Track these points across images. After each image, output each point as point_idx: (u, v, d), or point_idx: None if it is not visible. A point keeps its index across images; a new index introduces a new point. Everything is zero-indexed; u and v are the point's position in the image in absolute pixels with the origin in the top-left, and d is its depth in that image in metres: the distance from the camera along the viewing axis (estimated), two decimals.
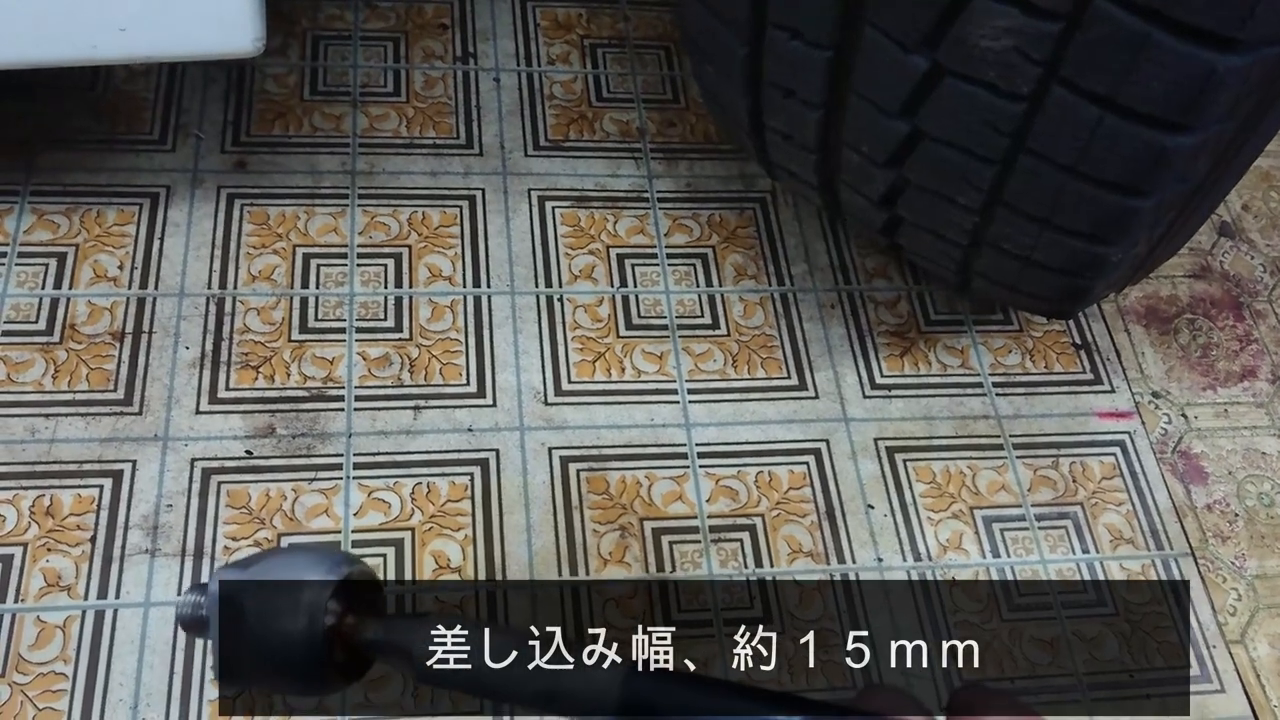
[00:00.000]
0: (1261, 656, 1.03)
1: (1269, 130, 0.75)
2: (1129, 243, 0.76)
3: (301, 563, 0.36)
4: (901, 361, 1.15)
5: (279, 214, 1.14)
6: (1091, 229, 0.75)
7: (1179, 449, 1.14)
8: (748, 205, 1.24)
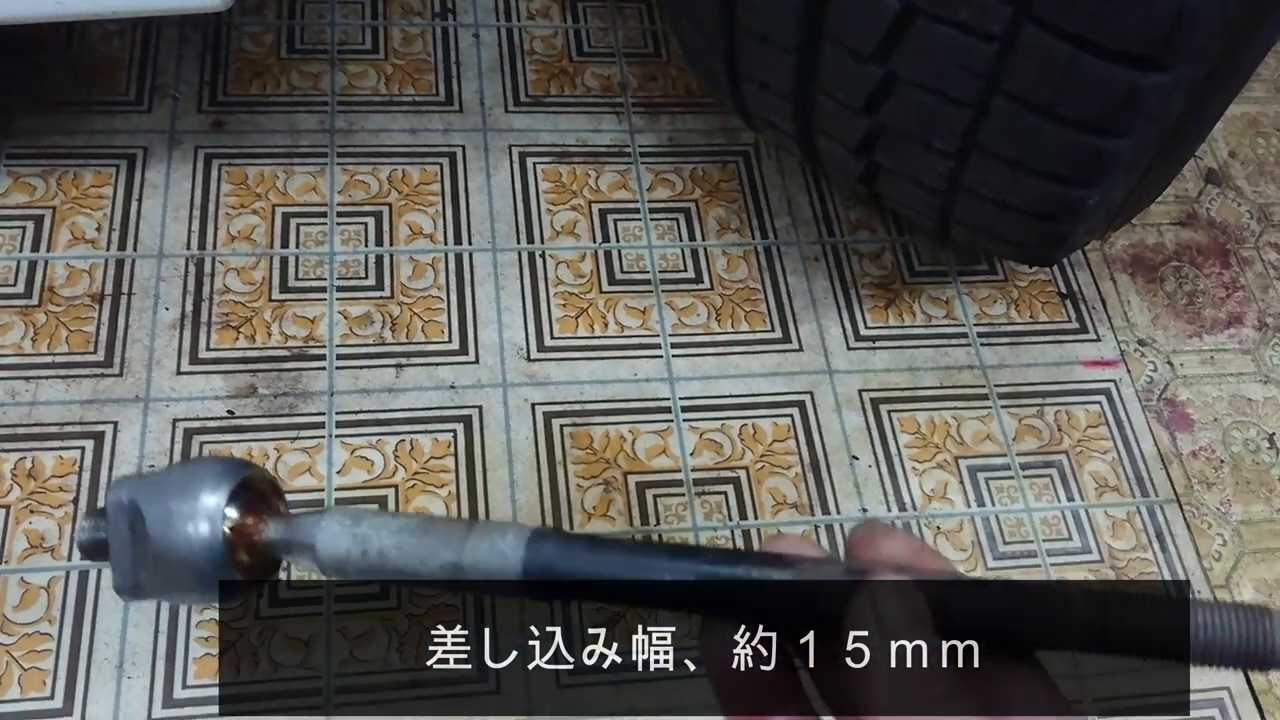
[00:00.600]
0: (1246, 601, 1.03)
1: (1245, 70, 0.74)
2: (1106, 185, 0.75)
3: (198, 472, 0.36)
4: (886, 313, 1.15)
5: (257, 174, 1.14)
6: (1067, 171, 0.75)
7: (1164, 396, 1.14)
8: (730, 159, 1.23)
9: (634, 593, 0.34)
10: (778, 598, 0.33)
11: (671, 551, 0.34)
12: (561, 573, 0.34)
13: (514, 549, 0.34)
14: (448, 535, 0.34)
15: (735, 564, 0.34)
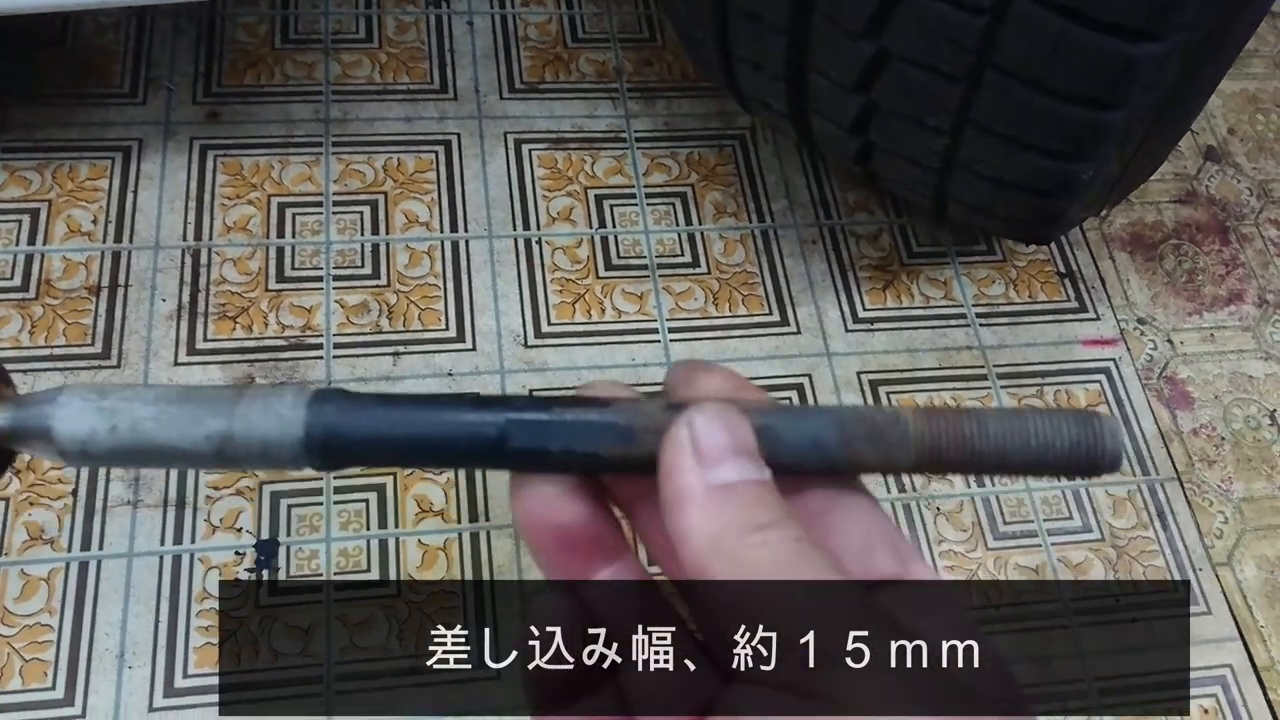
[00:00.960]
0: (1248, 578, 1.03)
1: (1238, 39, 0.74)
2: (1100, 160, 0.75)
3: None
4: (884, 295, 1.15)
5: (253, 164, 1.14)
6: (1061, 146, 0.74)
7: (1165, 375, 1.13)
8: (727, 143, 1.23)
9: (434, 449, 0.31)
10: (593, 440, 0.31)
11: (475, 402, 0.31)
12: (350, 433, 0.30)
13: (293, 410, 0.30)
14: (215, 401, 0.30)
15: (545, 409, 0.31)
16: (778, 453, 0.31)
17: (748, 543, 0.28)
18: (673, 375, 0.35)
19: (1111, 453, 0.31)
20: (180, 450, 0.30)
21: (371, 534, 0.96)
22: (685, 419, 0.30)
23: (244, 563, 0.94)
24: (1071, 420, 0.31)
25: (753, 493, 0.30)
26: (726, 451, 0.30)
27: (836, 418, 0.31)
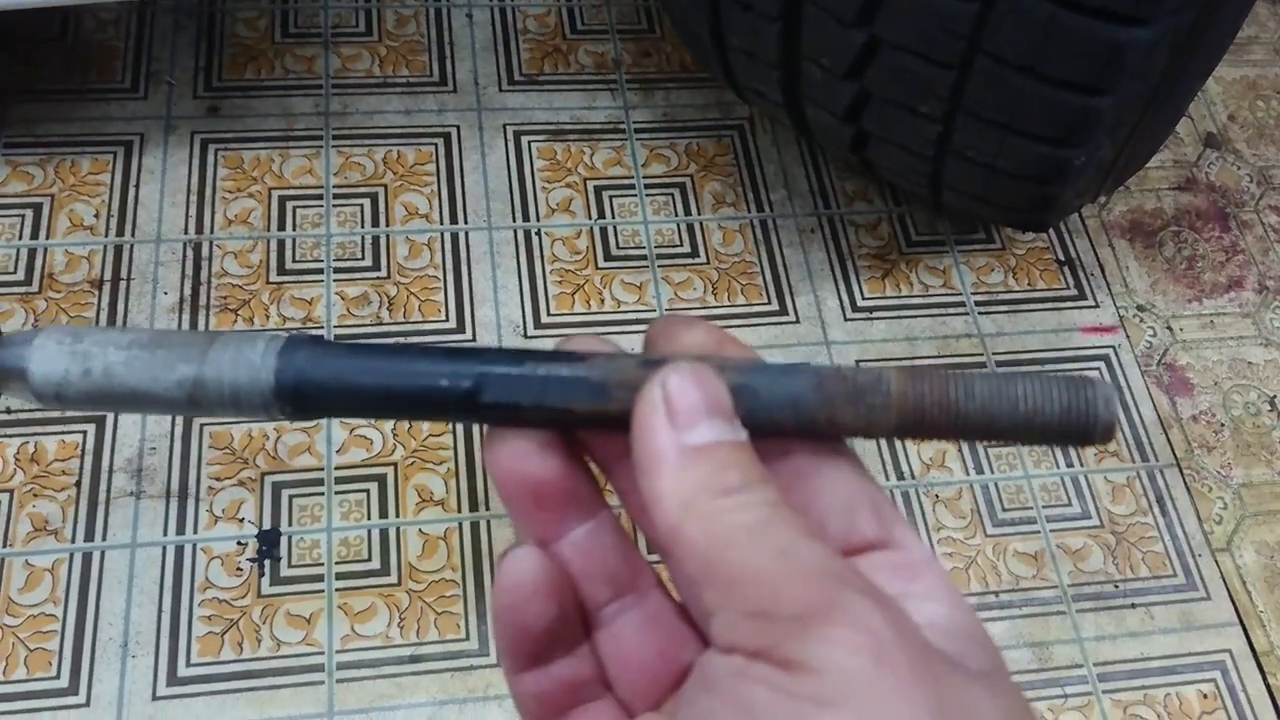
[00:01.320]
0: (1248, 564, 1.03)
1: (1229, 24, 0.74)
2: (1092, 145, 0.75)
3: None
4: (883, 283, 1.15)
5: (253, 158, 1.14)
6: (1053, 131, 0.74)
7: (1164, 361, 1.13)
8: (725, 133, 1.23)
9: (407, 401, 0.30)
10: (567, 395, 0.30)
11: (448, 353, 0.30)
12: (320, 383, 0.30)
13: (264, 358, 0.30)
14: (186, 347, 0.30)
15: (519, 363, 0.30)
16: (755, 412, 0.30)
17: (720, 506, 0.28)
18: (654, 329, 0.34)
19: (1105, 420, 0.29)
20: (152, 395, 0.30)
21: (372, 524, 0.97)
22: (659, 377, 0.29)
23: (246, 552, 0.95)
24: (1063, 385, 0.30)
25: (727, 454, 0.29)
26: (700, 411, 0.29)
27: (816, 378, 0.30)
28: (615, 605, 0.33)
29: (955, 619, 0.30)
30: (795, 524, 0.28)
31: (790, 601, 0.26)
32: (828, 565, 0.27)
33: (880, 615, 0.26)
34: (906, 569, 0.31)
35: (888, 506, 0.32)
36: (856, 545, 0.31)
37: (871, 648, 0.25)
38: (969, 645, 0.29)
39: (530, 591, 0.32)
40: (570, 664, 0.33)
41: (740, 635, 0.26)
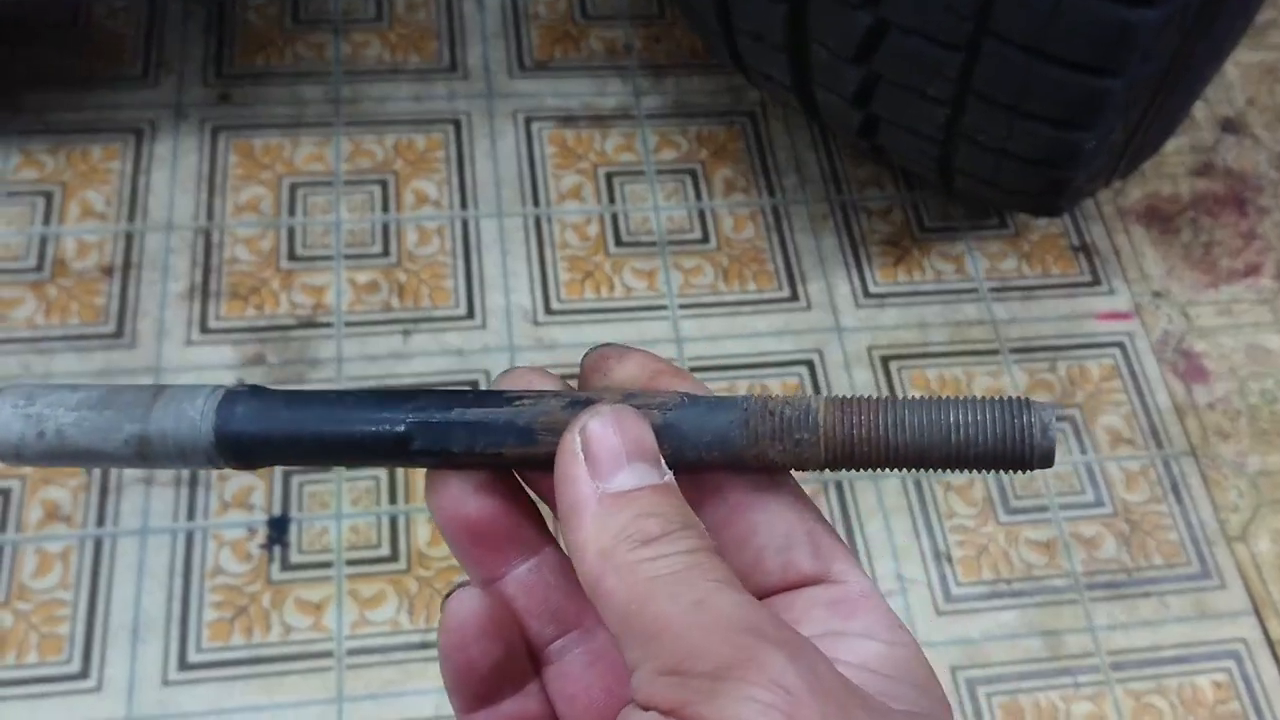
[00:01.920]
0: (1263, 552, 1.02)
1: (1240, 9, 0.72)
2: (1103, 128, 0.74)
3: None
4: (895, 270, 1.14)
5: (264, 145, 1.14)
6: (1062, 114, 0.74)
7: (1180, 348, 1.12)
8: (737, 119, 1.22)
9: (341, 449, 0.31)
10: (495, 441, 0.30)
11: (381, 400, 0.31)
12: (258, 435, 0.30)
13: (203, 414, 0.30)
14: (132, 406, 0.30)
15: (448, 408, 0.30)
16: (682, 451, 0.30)
17: (638, 556, 0.27)
18: (586, 362, 0.34)
19: (1041, 448, 0.29)
20: (104, 453, 0.31)
21: (382, 510, 0.97)
22: (578, 424, 0.29)
23: (256, 539, 0.95)
24: (999, 411, 0.29)
25: (647, 501, 0.28)
26: (620, 457, 0.28)
27: (743, 414, 0.30)
28: (561, 642, 0.33)
29: (891, 656, 0.29)
30: (715, 573, 0.27)
31: (704, 657, 0.25)
32: (743, 617, 0.26)
33: (793, 669, 0.25)
34: (844, 605, 0.30)
35: (827, 538, 0.31)
36: (793, 581, 0.31)
37: (785, 705, 0.24)
38: (900, 685, 0.29)
39: (475, 632, 0.31)
40: (518, 702, 0.33)
41: (656, 692, 0.26)
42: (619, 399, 0.30)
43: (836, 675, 0.26)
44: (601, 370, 0.33)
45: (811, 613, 0.30)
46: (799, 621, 0.30)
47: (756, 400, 0.30)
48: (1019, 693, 0.94)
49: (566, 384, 0.33)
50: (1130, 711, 0.94)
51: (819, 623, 0.30)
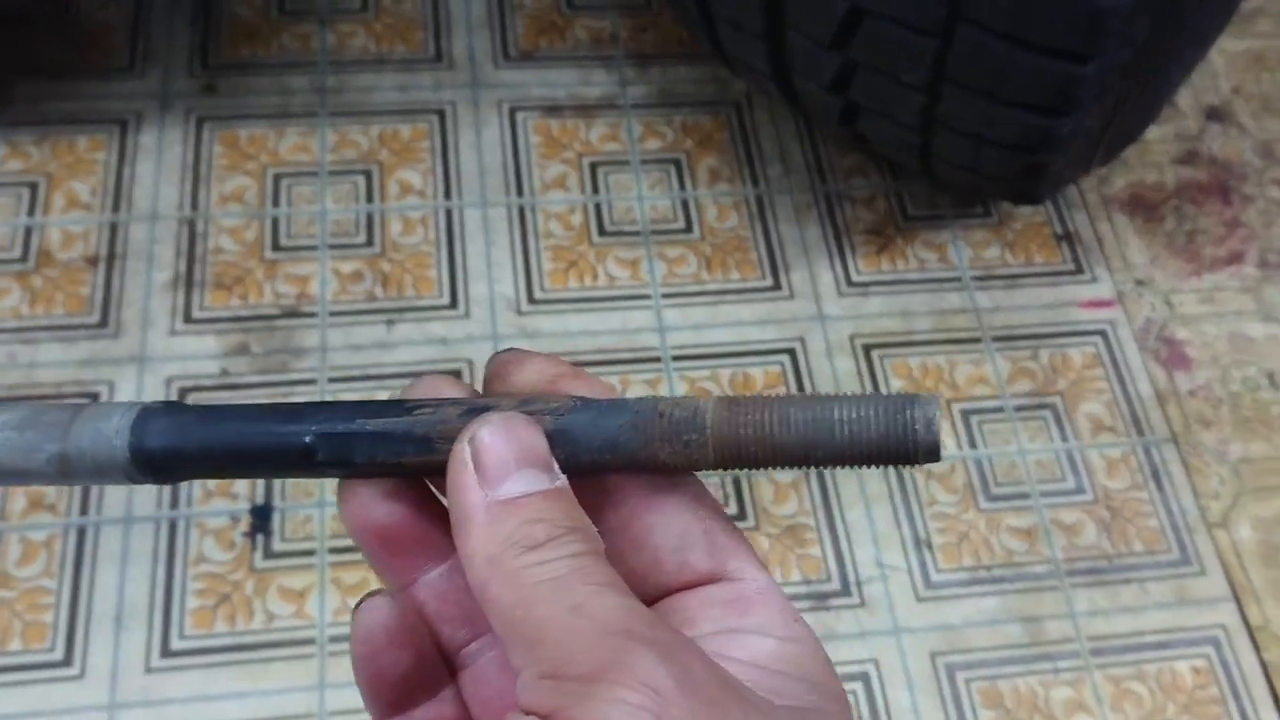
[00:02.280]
0: (1244, 539, 1.02)
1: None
2: (1078, 114, 0.75)
3: None
4: (878, 259, 1.15)
5: (249, 135, 1.15)
6: (1038, 100, 0.74)
7: (1162, 336, 1.13)
8: (722, 109, 1.22)
9: (251, 462, 0.32)
10: (395, 450, 0.31)
11: (289, 413, 0.32)
12: (171, 450, 0.31)
13: (119, 432, 0.31)
14: (52, 426, 0.31)
15: (351, 419, 0.31)
16: (577, 455, 0.30)
17: (522, 563, 0.28)
18: (490, 367, 0.34)
19: (925, 443, 0.29)
20: (29, 472, 0.31)
21: None
22: (468, 432, 0.29)
23: (239, 527, 0.95)
24: (882, 408, 0.29)
25: (535, 507, 0.29)
26: (509, 465, 0.29)
27: (633, 417, 0.30)
28: (475, 645, 0.33)
29: (783, 653, 0.29)
30: (596, 576, 0.28)
31: (578, 661, 0.26)
32: (618, 620, 0.26)
33: (664, 669, 0.25)
34: (739, 602, 0.30)
35: (724, 535, 0.32)
36: (689, 580, 0.31)
37: (654, 705, 0.24)
38: (790, 681, 0.29)
39: (384, 641, 0.32)
40: (432, 708, 0.33)
41: (535, 696, 0.26)
42: (515, 405, 0.31)
43: (712, 673, 0.26)
44: (502, 376, 0.33)
45: (707, 611, 0.30)
46: (694, 620, 0.30)
47: (648, 402, 0.30)
48: (999, 678, 0.94)
49: (474, 391, 0.33)
50: (1110, 697, 0.94)
51: (713, 621, 0.30)
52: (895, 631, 0.96)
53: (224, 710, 0.88)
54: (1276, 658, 0.97)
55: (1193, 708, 0.95)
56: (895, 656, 0.95)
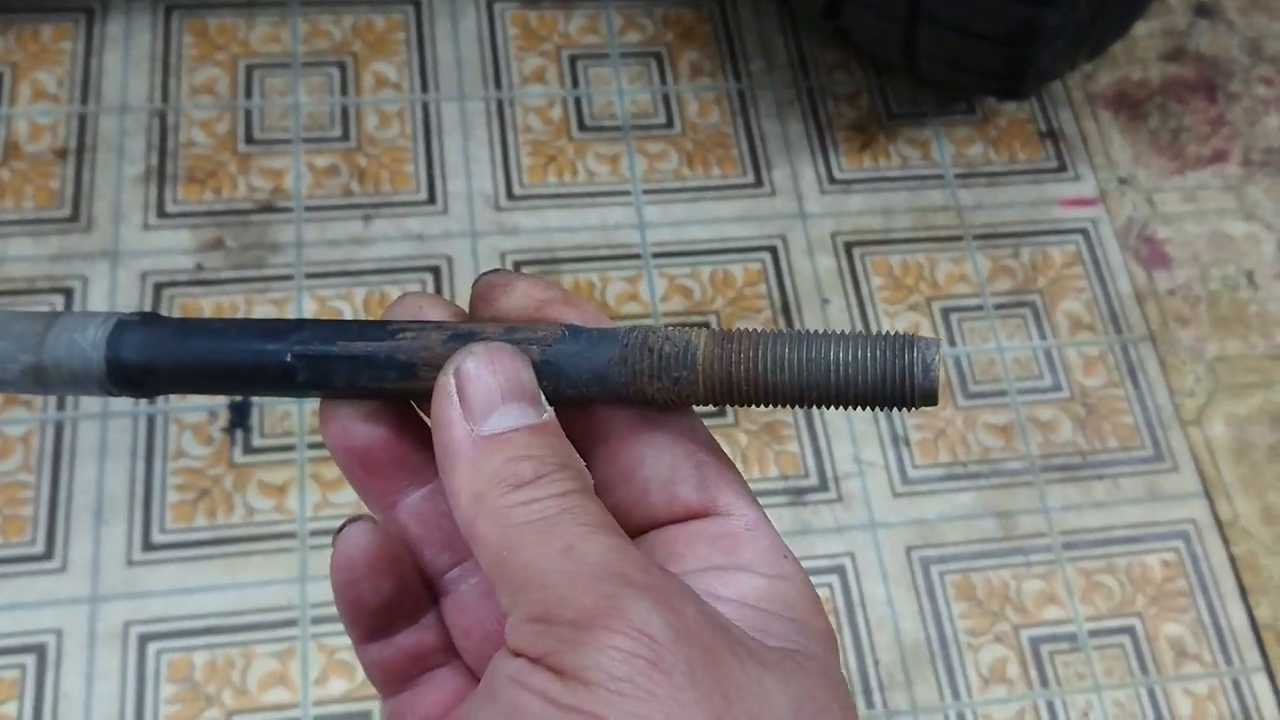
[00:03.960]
0: (1216, 436, 1.04)
1: None
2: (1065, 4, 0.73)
3: None
4: (860, 156, 1.13)
5: (218, 25, 1.12)
6: None
7: (1143, 234, 1.12)
8: (704, 1, 1.20)
9: (230, 379, 0.31)
10: (376, 376, 0.30)
11: (269, 330, 0.31)
12: (148, 364, 0.31)
13: (94, 345, 0.31)
14: (25, 335, 0.31)
15: (331, 340, 0.30)
16: (562, 389, 0.30)
17: (511, 500, 0.27)
18: (475, 290, 0.33)
19: (923, 388, 0.28)
20: (5, 381, 0.31)
21: None
22: (453, 364, 0.29)
23: (217, 423, 0.95)
24: (880, 349, 0.29)
25: (522, 442, 0.28)
26: (495, 398, 0.28)
27: (622, 351, 0.30)
28: (457, 571, 0.33)
29: (772, 590, 0.29)
30: (588, 516, 0.27)
31: (570, 606, 0.25)
32: (610, 563, 0.26)
33: (658, 615, 0.25)
34: (727, 538, 0.30)
35: (715, 469, 0.31)
36: (679, 514, 0.31)
37: (648, 653, 0.24)
38: (778, 620, 0.28)
39: (365, 568, 0.31)
40: (414, 633, 0.33)
41: (525, 639, 0.26)
42: (501, 333, 0.30)
43: (705, 617, 0.26)
44: (488, 300, 0.32)
45: (694, 547, 0.30)
46: (682, 556, 0.30)
47: (638, 334, 0.30)
48: (972, 571, 0.96)
49: (459, 310, 0.32)
50: (1080, 589, 0.96)
51: (701, 558, 0.30)
52: (871, 526, 0.97)
53: (205, 602, 0.89)
54: (1245, 551, 0.99)
55: (1161, 599, 0.96)
56: (871, 551, 0.96)
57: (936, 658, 0.93)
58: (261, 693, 0.87)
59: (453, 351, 0.29)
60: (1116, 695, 0.93)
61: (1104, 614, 0.96)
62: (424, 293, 0.33)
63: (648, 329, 0.30)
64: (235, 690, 0.87)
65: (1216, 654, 0.95)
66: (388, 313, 0.32)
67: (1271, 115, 1.20)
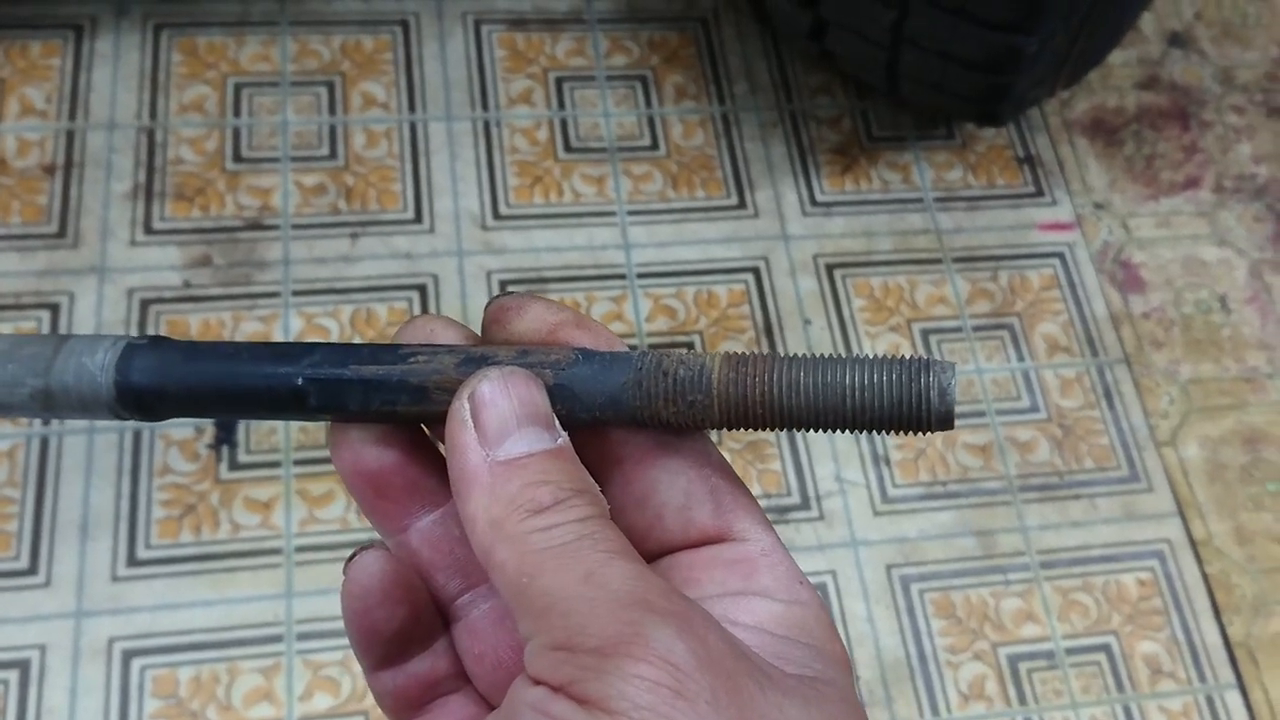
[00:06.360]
0: (1190, 457, 1.05)
1: None
2: (1044, 32, 0.75)
3: None
4: (842, 179, 1.15)
5: (208, 43, 1.12)
6: (1004, 17, 0.74)
7: (1119, 259, 1.14)
8: (689, 25, 1.22)
9: (242, 404, 0.31)
10: (389, 399, 0.30)
11: (277, 354, 0.31)
12: (158, 389, 0.31)
13: (103, 369, 0.30)
14: (33, 359, 0.31)
15: (343, 363, 0.30)
16: (576, 412, 0.29)
17: (529, 527, 0.27)
18: (487, 313, 0.32)
19: (939, 412, 0.28)
20: (11, 406, 0.31)
21: None
22: (467, 388, 0.28)
23: (203, 439, 0.96)
24: (896, 373, 0.28)
25: (539, 468, 0.28)
26: (510, 423, 0.28)
27: (636, 375, 0.29)
28: (469, 596, 0.33)
29: (789, 616, 0.29)
30: (607, 543, 0.27)
31: (592, 633, 0.25)
32: (631, 590, 0.26)
33: (681, 643, 0.25)
34: (743, 564, 0.30)
35: (730, 493, 0.31)
36: (695, 539, 0.30)
37: (671, 681, 0.24)
38: (796, 646, 0.28)
39: (378, 597, 0.31)
40: (426, 660, 0.32)
41: (546, 667, 0.25)
42: (514, 356, 0.30)
43: (727, 644, 0.26)
44: (500, 323, 0.32)
45: (711, 572, 0.30)
46: (698, 581, 0.30)
47: (652, 358, 0.30)
48: (951, 589, 0.97)
49: (471, 333, 0.32)
50: (1057, 607, 0.97)
51: (717, 583, 0.30)
52: (853, 544, 0.98)
53: (191, 618, 0.89)
54: (1218, 570, 1.00)
55: (1137, 618, 0.98)
56: (852, 568, 0.97)
57: (916, 675, 0.94)
58: (246, 709, 0.87)
59: (466, 375, 0.29)
60: (1093, 712, 0.94)
61: (1081, 632, 0.97)
62: (436, 315, 0.32)
63: (661, 352, 0.30)
64: (220, 706, 0.87)
65: (1191, 671, 0.96)
66: (398, 335, 0.32)
67: (1243, 143, 1.22)
